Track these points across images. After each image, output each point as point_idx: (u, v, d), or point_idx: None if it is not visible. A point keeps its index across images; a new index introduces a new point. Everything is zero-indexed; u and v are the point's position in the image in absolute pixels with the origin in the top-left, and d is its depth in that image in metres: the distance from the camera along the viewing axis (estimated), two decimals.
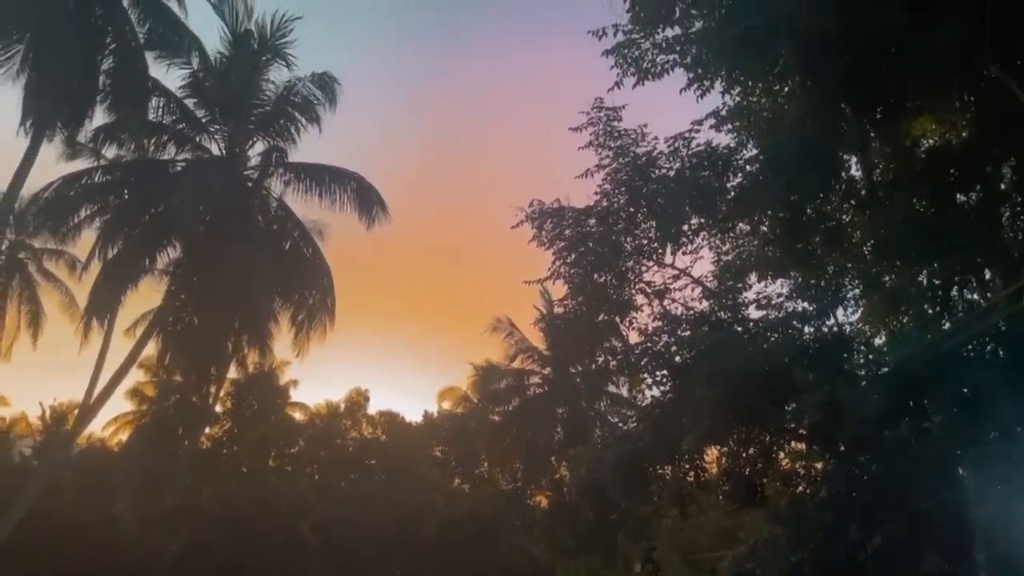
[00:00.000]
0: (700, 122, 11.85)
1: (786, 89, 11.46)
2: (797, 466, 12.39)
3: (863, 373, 10.60)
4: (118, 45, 23.06)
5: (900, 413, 9.67)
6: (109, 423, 38.86)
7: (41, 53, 21.66)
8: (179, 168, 26.48)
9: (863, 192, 11.91)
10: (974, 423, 9.52)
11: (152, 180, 25.71)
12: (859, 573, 9.80)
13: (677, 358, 11.27)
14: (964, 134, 12.13)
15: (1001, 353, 10.24)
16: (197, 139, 26.60)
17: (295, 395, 40.61)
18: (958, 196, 11.67)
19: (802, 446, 12.39)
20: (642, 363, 11.47)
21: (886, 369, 10.23)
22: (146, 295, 26.87)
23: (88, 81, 22.54)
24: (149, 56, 24.01)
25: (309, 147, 28.04)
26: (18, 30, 21.88)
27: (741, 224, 13.82)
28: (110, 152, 26.08)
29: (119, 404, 38.83)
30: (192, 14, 23.91)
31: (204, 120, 26.46)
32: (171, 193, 25.11)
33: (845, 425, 9.82)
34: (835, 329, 11.17)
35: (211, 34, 27.58)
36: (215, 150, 26.73)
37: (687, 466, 12.37)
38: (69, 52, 21.64)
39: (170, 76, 25.30)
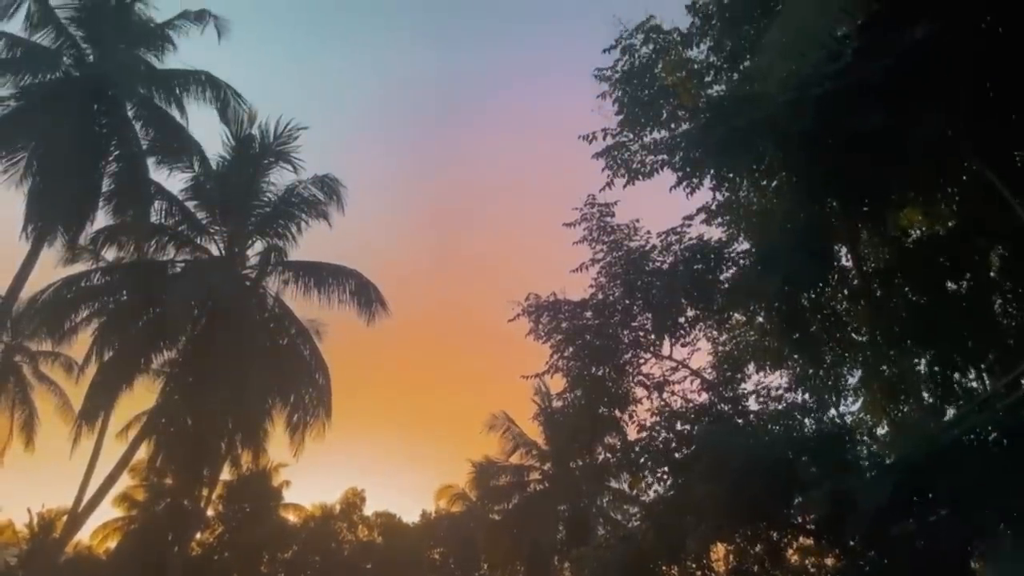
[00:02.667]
0: (691, 217, 12.17)
1: (773, 184, 11.78)
2: (807, 563, 12.04)
3: (867, 464, 10.44)
4: (121, 152, 23.66)
5: (907, 505, 9.48)
6: (97, 530, 37.71)
7: (46, 160, 22.19)
8: (178, 269, 26.71)
9: (855, 282, 12.06)
10: (982, 514, 9.32)
11: (150, 281, 25.84)
12: None
13: (678, 454, 11.13)
14: (950, 224, 12.40)
15: (1005, 442, 10.13)
16: (197, 240, 26.94)
17: (289, 496, 39.66)
18: (949, 284, 11.84)
19: (810, 542, 12.09)
20: (642, 460, 11.32)
21: (890, 460, 10.07)
22: (140, 396, 26.61)
23: (91, 187, 23.02)
24: (151, 161, 24.62)
25: (309, 242, 28.33)
26: (24, 139, 22.48)
27: (737, 315, 13.93)
28: (110, 254, 26.35)
29: (108, 511, 37.87)
30: (194, 116, 24.60)
31: (204, 221, 26.86)
32: (168, 294, 25.22)
33: (852, 519, 9.60)
34: (837, 420, 11.06)
35: (213, 137, 28.32)
36: (214, 250, 27.03)
37: (694, 566, 12.02)
38: (73, 159, 22.18)
39: (172, 179, 25.86)
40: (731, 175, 11.54)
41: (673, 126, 11.31)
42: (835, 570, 10.94)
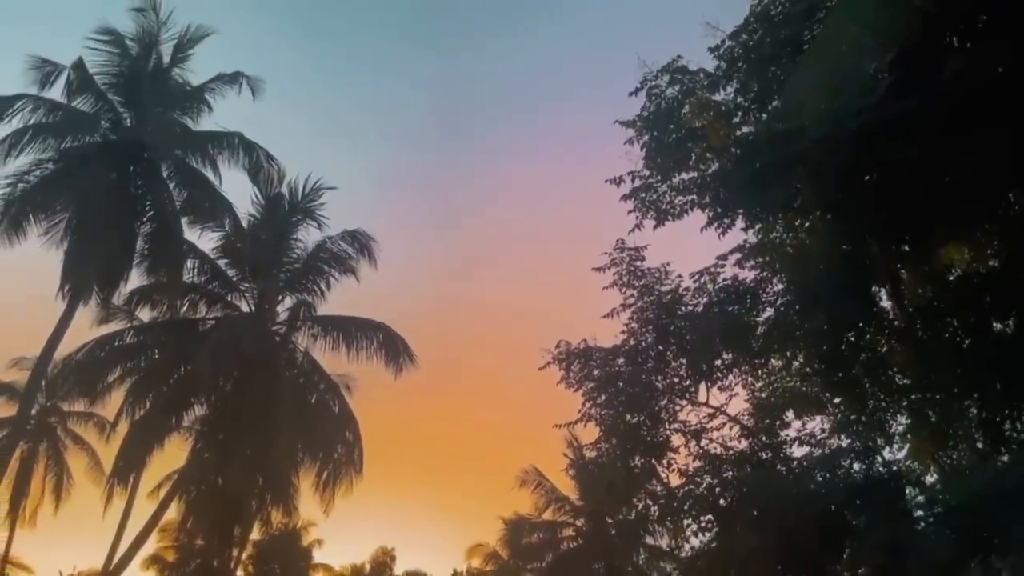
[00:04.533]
0: (725, 256, 11.96)
1: (807, 224, 11.56)
2: None
3: (922, 513, 9.94)
4: (155, 212, 24.09)
5: (968, 555, 8.97)
6: None
7: (82, 221, 22.61)
8: (208, 326, 26.89)
9: (897, 323, 11.69)
10: None
11: (182, 339, 26.01)
12: None
13: (721, 500, 10.71)
14: (992, 262, 12.04)
15: None
16: (228, 297, 27.15)
17: (319, 555, 39.09)
18: (995, 324, 11.42)
19: None
20: (685, 507, 10.90)
21: (942, 509, 9.57)
22: (171, 454, 26.55)
23: (125, 247, 23.38)
24: (184, 220, 25.03)
25: (337, 294, 28.45)
26: (63, 201, 23.00)
27: (774, 360, 13.57)
28: (143, 313, 26.66)
29: (139, 574, 37.53)
30: (225, 174, 25.02)
31: (235, 279, 27.12)
32: (199, 351, 25.34)
33: (908, 570, 9.10)
34: (885, 466, 10.59)
35: (243, 195, 28.81)
36: (244, 307, 27.22)
37: None
38: (109, 220, 22.58)
39: (203, 239, 26.23)
40: (764, 214, 11.34)
41: (702, 167, 11.19)
42: None
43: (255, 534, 31.74)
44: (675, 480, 11.83)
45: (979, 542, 8.79)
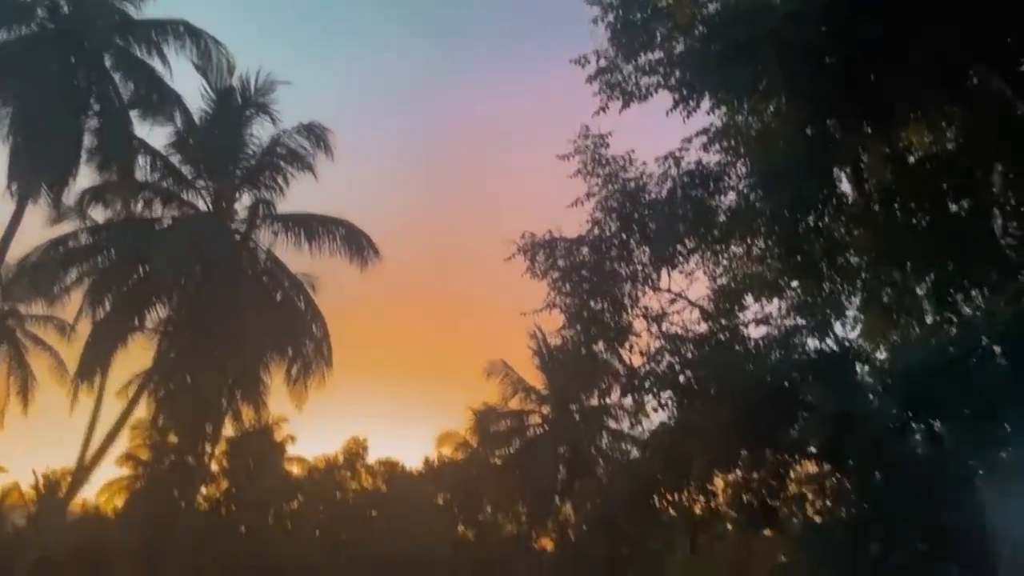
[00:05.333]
0: (690, 140, 11.90)
1: (772, 107, 11.52)
2: (810, 486, 12.12)
3: (871, 385, 10.43)
4: (102, 106, 23.14)
5: (911, 424, 9.50)
6: (103, 489, 38.03)
7: (26, 117, 21.69)
8: (165, 225, 26.39)
9: (855, 205, 11.90)
10: (986, 430, 9.35)
11: (139, 239, 25.55)
12: None
13: (681, 378, 11.09)
14: (951, 145, 12.20)
15: (1005, 358, 10.11)
16: (183, 195, 26.57)
17: (293, 450, 40.01)
18: (951, 205, 11.69)
19: (812, 468, 12.16)
20: (646, 385, 11.27)
21: (893, 380, 10.03)
22: (137, 355, 26.52)
23: (73, 142, 22.56)
24: (133, 115, 24.11)
25: (299, 196, 28.05)
26: (4, 96, 21.94)
27: (735, 247, 13.78)
28: (96, 213, 26.02)
29: (113, 470, 38.13)
30: (175, 72, 23.99)
31: (190, 176, 26.47)
32: (158, 251, 24.97)
33: (856, 440, 9.62)
34: (839, 343, 11.01)
35: (192, 87, 27.68)
36: (202, 205, 26.69)
37: (697, 492, 12.10)
38: (53, 115, 21.69)
39: (154, 134, 25.36)
40: (730, 97, 11.25)
41: (668, 47, 10.96)
42: (839, 492, 10.99)
43: (227, 430, 32.19)
44: (637, 362, 12.17)
45: (922, 410, 9.30)
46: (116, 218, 26.00)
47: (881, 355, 12.84)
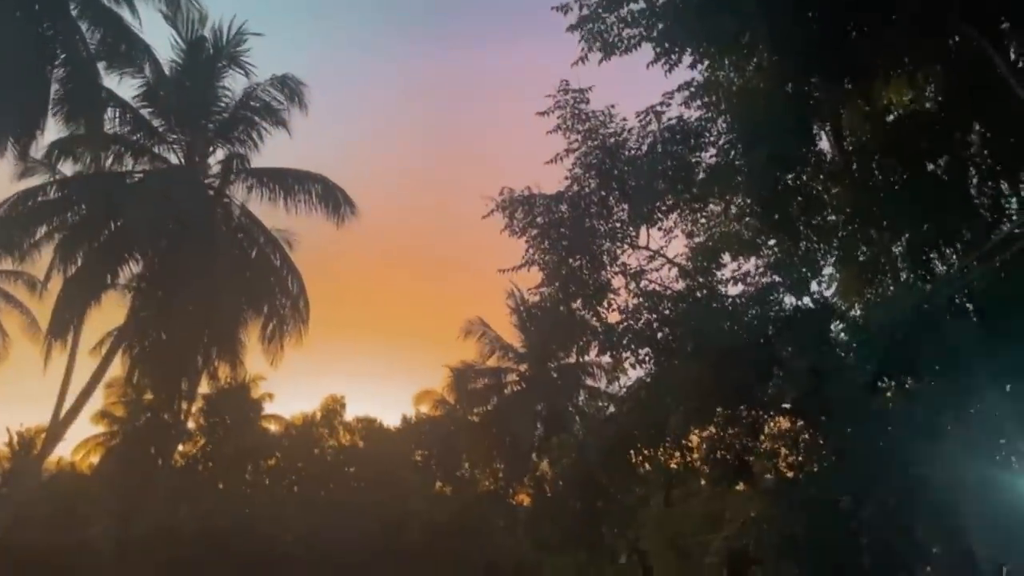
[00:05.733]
0: (671, 94, 11.74)
1: (754, 61, 11.40)
2: (783, 442, 12.32)
3: (846, 341, 10.55)
4: (68, 55, 22.35)
5: (884, 379, 9.63)
6: (79, 446, 37.85)
7: None
8: (137, 180, 25.88)
9: (834, 163, 11.90)
10: (957, 385, 9.51)
11: (109, 193, 25.03)
12: (853, 543, 9.74)
13: (659, 335, 11.12)
14: (929, 104, 12.20)
15: (977, 315, 10.27)
16: (155, 149, 26.04)
17: (270, 408, 40.00)
18: (928, 164, 11.72)
19: (787, 422, 12.35)
20: (624, 341, 11.29)
21: (863, 336, 10.15)
22: (110, 312, 26.19)
23: (39, 93, 21.82)
24: (101, 66, 23.40)
25: (276, 152, 27.64)
26: None
27: (713, 206, 13.76)
28: (66, 167, 25.46)
29: (89, 428, 37.94)
30: (144, 21, 23.27)
31: (161, 130, 25.90)
32: (130, 206, 24.50)
33: (829, 394, 9.75)
34: (815, 301, 11.08)
35: (163, 40, 26.95)
36: (174, 160, 26.18)
37: (673, 447, 12.25)
38: (17, 64, 20.95)
39: (123, 86, 24.71)
40: (712, 50, 11.10)
41: None
42: (812, 446, 11.18)
43: (204, 388, 32.09)
44: (615, 320, 12.15)
45: (895, 365, 9.42)
46: (85, 172, 25.46)
47: (856, 313, 13.00)
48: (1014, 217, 10.84)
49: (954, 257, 10.88)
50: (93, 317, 25.19)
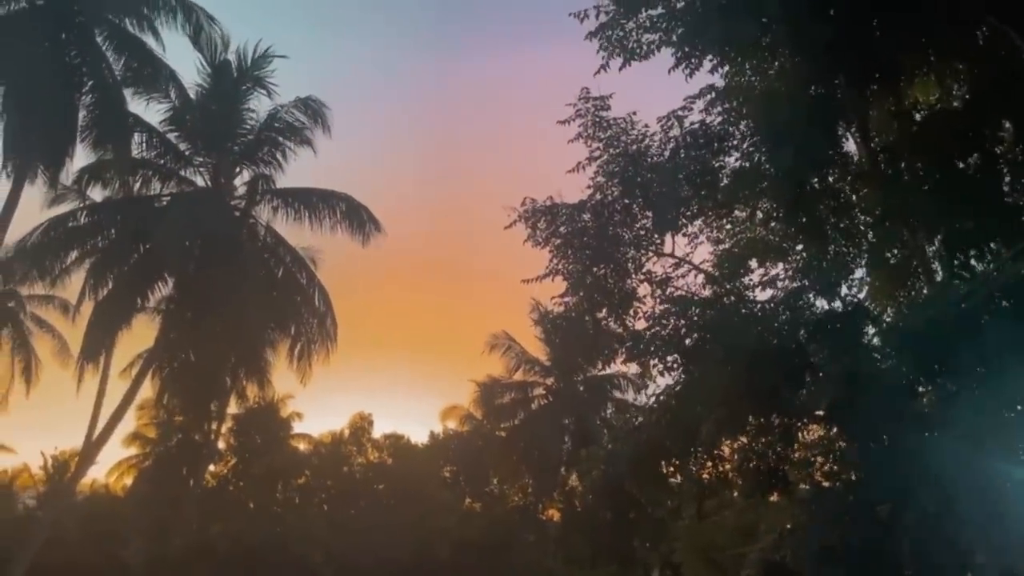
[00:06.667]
0: (693, 99, 11.63)
1: (776, 64, 11.27)
2: (817, 450, 12.05)
3: (880, 345, 10.31)
4: (95, 82, 22.84)
5: (921, 382, 9.39)
6: (112, 469, 38.30)
7: (19, 95, 21.43)
8: (164, 203, 26.25)
9: (861, 164, 11.70)
10: (998, 387, 9.23)
11: (138, 217, 25.44)
12: (893, 553, 9.45)
13: (687, 340, 10.95)
14: (957, 103, 11.97)
15: (1015, 315, 9.97)
16: (182, 172, 26.44)
17: (298, 427, 40.18)
18: (958, 162, 11.47)
19: (821, 429, 12.08)
20: (651, 348, 11.14)
21: (897, 338, 9.89)
22: (140, 335, 26.54)
23: (67, 120, 22.30)
24: (127, 92, 23.84)
25: (300, 172, 27.91)
26: None
27: (738, 211, 13.60)
28: (95, 193, 25.96)
29: (120, 451, 38.35)
30: (168, 47, 23.69)
31: (187, 153, 26.30)
32: (158, 229, 24.84)
33: (864, 400, 9.51)
34: (846, 304, 10.84)
35: (188, 65, 27.38)
36: (200, 182, 26.54)
37: (705, 457, 12.04)
38: (46, 93, 21.43)
39: (149, 111, 25.15)
40: (732, 55, 10.99)
41: (670, 1, 10.68)
42: (848, 452, 10.90)
43: (233, 408, 32.32)
44: (641, 328, 12.01)
45: (933, 368, 9.17)
46: (114, 196, 25.90)
47: (889, 316, 12.73)
48: None
49: (989, 256, 10.61)
50: (124, 339, 25.58)
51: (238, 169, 26.76)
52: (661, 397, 11.83)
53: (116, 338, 24.99)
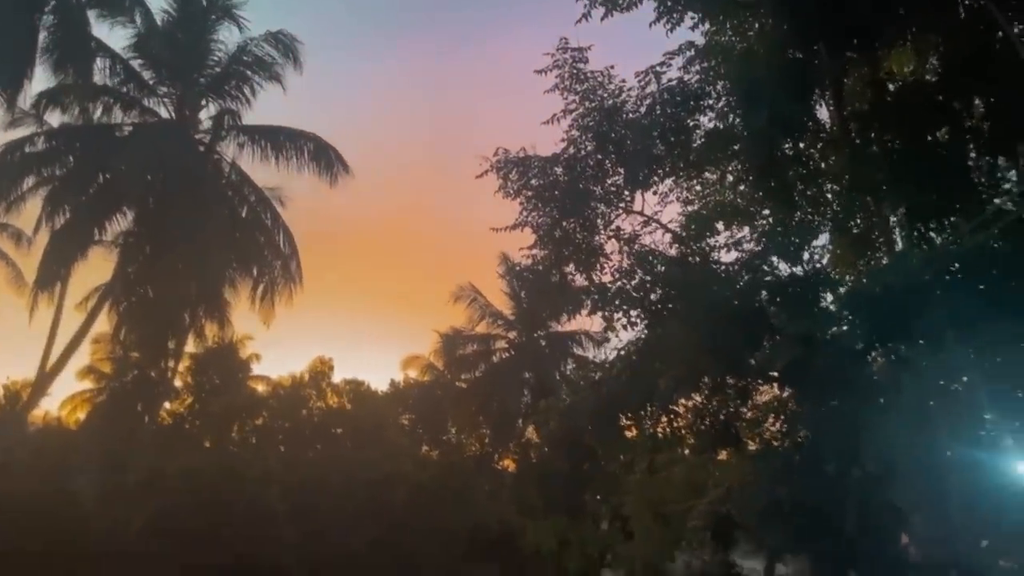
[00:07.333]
0: (673, 55, 11.56)
1: (757, 25, 11.23)
2: (771, 409, 12.37)
3: (838, 310, 10.53)
4: (57, 2, 21.96)
5: (875, 348, 9.64)
6: (65, 402, 37.82)
7: None
8: (126, 133, 25.53)
9: (833, 132, 11.80)
10: (946, 356, 9.52)
11: (98, 146, 24.76)
12: (837, 509, 9.80)
13: (652, 296, 11.07)
14: (929, 76, 12.07)
15: (970, 286, 10.23)
16: (145, 102, 25.71)
17: (257, 369, 39.94)
18: (927, 135, 11.61)
19: (775, 390, 12.39)
20: (616, 302, 11.25)
21: (858, 304, 10.10)
22: (98, 267, 26.00)
23: (27, 41, 21.45)
24: (91, 15, 22.99)
25: (268, 113, 27.31)
26: None
27: (708, 173, 13.66)
28: (53, 118, 25.13)
29: (74, 384, 37.82)
30: None
31: (151, 82, 25.54)
32: (118, 159, 24.24)
33: (818, 362, 9.75)
34: (807, 270, 11.03)
35: None
36: (164, 114, 25.84)
37: (660, 413, 12.27)
38: (6, 11, 20.57)
39: (113, 36, 24.31)
40: (715, 12, 10.92)
41: None
42: (798, 412, 11.20)
43: (191, 347, 31.96)
44: (610, 278, 12.09)
45: (886, 334, 9.40)
46: (73, 123, 25.12)
47: (849, 283, 12.99)
48: (1012, 190, 10.79)
49: (948, 228, 10.83)
50: (80, 272, 25.06)
51: (204, 102, 26.10)
52: (622, 352, 12.00)
53: (72, 269, 24.47)
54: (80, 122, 25.03)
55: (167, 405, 36.23)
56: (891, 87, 11.88)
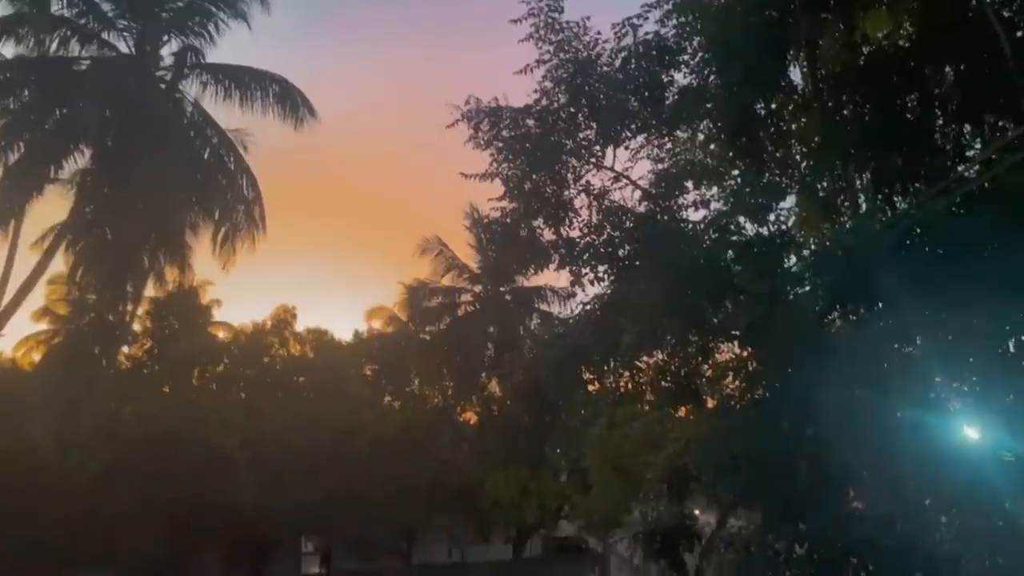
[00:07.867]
0: (650, 7, 11.40)
1: None
2: (731, 368, 12.55)
3: (802, 271, 10.67)
4: None
5: (836, 308, 9.80)
6: (20, 343, 37.13)
7: None
8: (84, 67, 24.63)
9: (806, 93, 11.79)
10: (902, 319, 9.72)
11: (54, 80, 23.89)
12: (789, 465, 10.05)
13: (620, 251, 11.10)
14: (901, 41, 12.07)
15: (929, 251, 10.42)
16: (103, 35, 24.76)
17: (219, 315, 39.53)
18: (897, 100, 11.66)
19: (736, 348, 12.56)
20: (585, 256, 11.27)
21: (822, 265, 10.25)
22: (54, 206, 25.29)
23: None
24: None
25: (233, 51, 26.49)
26: None
27: (680, 132, 13.61)
28: (6, 49, 24.14)
29: (29, 325, 37.13)
30: None
31: (111, 15, 24.59)
32: (76, 95, 23.41)
33: (779, 322, 9.90)
34: (773, 230, 11.12)
35: None
36: (123, 48, 24.95)
37: (622, 368, 12.40)
38: None
39: None
40: None
41: None
42: (755, 373, 11.40)
43: (150, 291, 31.46)
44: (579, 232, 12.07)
45: (842, 296, 9.57)
46: (28, 55, 24.15)
47: (813, 245, 13.14)
48: (975, 157, 10.93)
49: (912, 193, 10.96)
50: (36, 210, 24.37)
51: (165, 38, 25.25)
52: (587, 307, 12.05)
53: (27, 206, 23.77)
54: (35, 54, 24.06)
55: (125, 349, 35.79)
56: (864, 51, 11.86)
